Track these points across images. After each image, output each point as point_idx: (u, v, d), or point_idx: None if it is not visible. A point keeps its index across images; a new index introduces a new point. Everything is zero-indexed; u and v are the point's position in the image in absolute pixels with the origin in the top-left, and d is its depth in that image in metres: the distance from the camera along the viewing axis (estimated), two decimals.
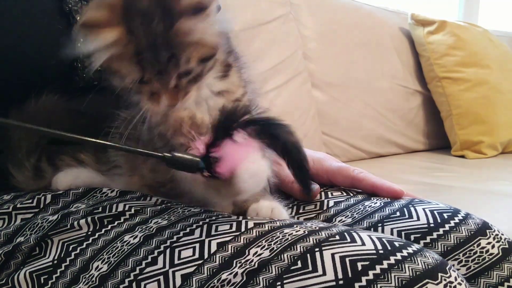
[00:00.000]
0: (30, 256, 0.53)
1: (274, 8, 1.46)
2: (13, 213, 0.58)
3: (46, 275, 0.51)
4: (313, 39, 1.54)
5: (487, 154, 1.72)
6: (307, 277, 0.42)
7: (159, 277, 0.46)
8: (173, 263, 0.46)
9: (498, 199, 1.14)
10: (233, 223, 0.49)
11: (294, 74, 1.45)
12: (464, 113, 1.72)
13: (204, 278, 0.44)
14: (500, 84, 1.79)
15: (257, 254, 0.44)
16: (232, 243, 0.46)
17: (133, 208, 0.53)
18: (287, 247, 0.44)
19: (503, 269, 0.53)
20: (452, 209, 0.58)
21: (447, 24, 1.78)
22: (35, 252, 0.53)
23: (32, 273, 0.51)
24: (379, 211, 0.59)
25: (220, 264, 0.45)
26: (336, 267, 0.42)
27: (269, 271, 0.43)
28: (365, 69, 1.65)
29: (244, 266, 0.44)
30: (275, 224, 0.48)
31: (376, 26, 1.75)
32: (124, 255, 0.48)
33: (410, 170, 1.46)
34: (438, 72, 1.74)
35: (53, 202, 0.58)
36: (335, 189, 0.67)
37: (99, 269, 0.48)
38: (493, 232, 0.55)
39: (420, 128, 1.80)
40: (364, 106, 1.62)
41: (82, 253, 0.50)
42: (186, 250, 0.47)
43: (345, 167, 0.66)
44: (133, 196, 0.57)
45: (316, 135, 1.48)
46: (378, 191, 0.63)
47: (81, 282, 0.48)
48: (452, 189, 1.21)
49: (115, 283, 0.47)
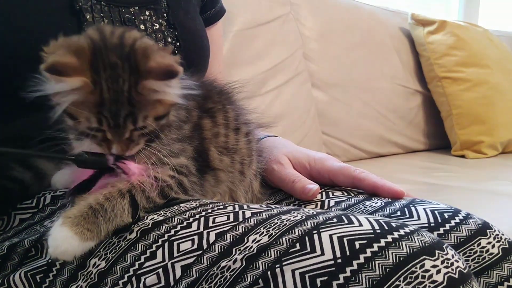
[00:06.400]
0: (27, 257, 0.53)
1: (274, 8, 1.46)
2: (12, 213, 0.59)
3: (41, 273, 0.51)
4: (313, 39, 1.54)
5: (487, 154, 1.72)
6: (305, 258, 0.42)
7: (159, 270, 0.46)
8: (172, 256, 0.47)
9: (498, 199, 1.14)
10: (230, 214, 0.49)
11: (294, 74, 1.45)
12: (464, 113, 1.72)
13: (204, 268, 0.45)
14: (500, 84, 1.79)
15: (256, 241, 0.45)
16: (231, 233, 0.47)
17: None
18: (285, 232, 0.45)
19: (503, 269, 0.53)
20: (452, 209, 0.58)
21: (447, 24, 1.78)
22: (31, 253, 0.53)
23: (27, 272, 0.52)
24: (380, 211, 0.59)
25: (219, 253, 0.45)
26: (334, 247, 0.42)
27: (268, 255, 0.43)
28: (365, 69, 1.65)
29: (244, 252, 0.44)
30: (272, 212, 0.49)
31: (376, 26, 1.75)
32: (121, 251, 0.49)
33: (410, 170, 1.46)
34: (438, 72, 1.74)
35: (52, 202, 0.58)
36: (336, 189, 0.67)
37: (97, 265, 0.49)
38: (493, 232, 0.55)
39: (420, 128, 1.81)
40: (364, 106, 1.62)
41: None
42: (184, 242, 0.47)
43: (346, 167, 0.66)
44: None
45: (316, 135, 1.48)
46: (379, 191, 0.63)
47: (79, 280, 0.49)
48: (452, 189, 1.21)
49: (114, 279, 0.48)
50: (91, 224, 0.48)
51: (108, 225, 0.49)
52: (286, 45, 1.45)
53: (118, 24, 0.67)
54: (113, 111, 0.47)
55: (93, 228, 0.48)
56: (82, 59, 0.46)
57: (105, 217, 0.48)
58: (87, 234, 0.47)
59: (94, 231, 0.48)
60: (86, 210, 0.48)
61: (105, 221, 0.48)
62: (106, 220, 0.48)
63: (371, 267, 0.41)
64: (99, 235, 0.48)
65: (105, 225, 0.48)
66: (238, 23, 1.33)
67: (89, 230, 0.48)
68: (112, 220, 0.49)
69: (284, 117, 1.37)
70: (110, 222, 0.49)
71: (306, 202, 0.65)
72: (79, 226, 0.47)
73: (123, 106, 0.47)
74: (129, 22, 0.69)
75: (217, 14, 0.92)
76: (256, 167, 0.66)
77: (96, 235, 0.48)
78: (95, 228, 0.48)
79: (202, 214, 0.50)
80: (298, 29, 1.51)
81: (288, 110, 1.39)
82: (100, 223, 0.48)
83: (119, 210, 0.49)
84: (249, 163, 0.64)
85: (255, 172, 0.66)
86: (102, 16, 0.66)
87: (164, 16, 0.73)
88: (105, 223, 0.48)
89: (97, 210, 0.48)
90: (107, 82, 0.47)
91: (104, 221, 0.48)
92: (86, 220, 0.48)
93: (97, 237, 0.48)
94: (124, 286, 0.47)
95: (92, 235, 0.48)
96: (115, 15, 0.68)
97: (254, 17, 1.39)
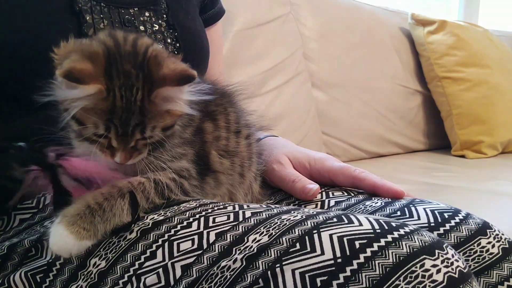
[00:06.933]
0: (27, 257, 0.53)
1: (274, 8, 1.46)
2: (12, 213, 0.59)
3: (42, 273, 0.51)
4: (313, 39, 1.54)
5: (487, 154, 1.72)
6: (306, 258, 0.42)
7: (159, 270, 0.46)
8: (172, 256, 0.47)
9: (498, 199, 1.14)
10: (230, 214, 0.50)
11: (294, 74, 1.45)
12: (464, 113, 1.72)
13: (204, 267, 0.45)
14: (500, 84, 1.80)
15: (256, 240, 0.45)
16: (231, 232, 0.47)
17: None
18: (285, 232, 0.45)
19: (503, 269, 0.54)
20: (453, 209, 0.58)
21: (447, 24, 1.78)
22: (32, 253, 0.53)
23: (27, 272, 0.52)
24: (380, 211, 0.59)
25: (219, 253, 0.45)
26: (334, 247, 0.42)
27: (268, 254, 0.44)
28: (365, 69, 1.65)
29: (244, 252, 0.45)
30: (272, 212, 0.49)
31: (376, 26, 1.76)
32: (122, 251, 0.49)
33: (410, 170, 1.46)
34: (438, 72, 1.74)
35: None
36: (336, 189, 0.67)
37: (97, 265, 0.49)
38: (493, 232, 0.56)
39: (420, 128, 1.81)
40: (364, 106, 1.62)
41: None
42: (185, 242, 0.47)
43: (347, 167, 0.66)
44: None
45: (316, 135, 1.48)
46: (379, 191, 0.63)
47: (80, 279, 0.49)
48: (452, 189, 1.21)
49: (114, 278, 0.48)
50: (88, 223, 0.48)
51: (105, 225, 0.49)
52: (286, 45, 1.46)
53: (117, 25, 0.67)
54: (123, 119, 0.47)
55: (89, 227, 0.48)
56: (97, 65, 0.46)
57: (103, 217, 0.48)
58: (83, 233, 0.47)
59: (90, 231, 0.48)
60: (84, 210, 0.48)
61: (102, 221, 0.48)
62: (103, 220, 0.48)
63: (371, 267, 0.41)
64: (96, 235, 0.48)
65: (103, 224, 0.48)
66: (238, 23, 1.33)
67: (85, 229, 0.48)
68: (110, 220, 0.49)
69: (284, 117, 1.37)
70: (108, 222, 0.49)
71: (306, 202, 0.65)
72: (75, 226, 0.47)
73: (134, 115, 0.47)
74: (129, 23, 0.69)
75: (216, 15, 0.92)
76: (255, 169, 0.66)
77: (93, 234, 0.48)
78: (92, 228, 0.48)
79: (202, 214, 0.50)
80: (298, 29, 1.51)
81: (288, 110, 1.39)
82: (97, 223, 0.48)
83: (118, 210, 0.49)
84: (249, 165, 0.64)
85: (254, 174, 0.66)
86: (102, 17, 0.66)
87: (163, 17, 0.73)
88: (103, 223, 0.48)
89: (95, 210, 0.48)
90: (121, 90, 0.46)
91: (101, 220, 0.48)
92: (83, 220, 0.48)
93: (94, 236, 0.48)
94: (124, 286, 0.47)
95: (88, 234, 0.48)
96: (115, 16, 0.68)
97: (254, 17, 1.39)
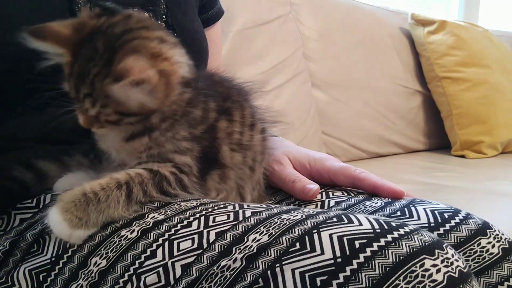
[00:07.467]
0: (29, 253, 0.53)
1: (274, 8, 1.46)
2: (13, 212, 0.59)
3: (44, 272, 0.51)
4: (313, 39, 1.54)
5: (487, 154, 1.72)
6: (305, 257, 0.42)
7: (159, 269, 0.46)
8: (172, 255, 0.47)
9: (498, 199, 1.14)
10: (230, 213, 0.50)
11: (294, 74, 1.45)
12: (464, 113, 1.72)
13: (204, 267, 0.45)
14: (500, 84, 1.80)
15: (256, 240, 0.45)
16: (231, 232, 0.47)
17: None
18: (285, 231, 0.45)
19: (503, 269, 0.53)
20: (452, 209, 0.58)
21: (447, 24, 1.78)
22: (33, 249, 0.53)
23: (31, 270, 0.52)
24: (380, 211, 0.59)
25: (219, 252, 0.45)
26: (334, 246, 0.42)
27: (268, 254, 0.44)
28: (365, 69, 1.65)
29: (243, 251, 0.45)
30: (272, 211, 0.49)
31: (376, 26, 1.76)
32: (122, 250, 0.49)
33: (410, 170, 1.46)
34: (438, 72, 1.74)
35: (53, 202, 0.58)
36: (336, 189, 0.67)
37: (98, 264, 0.49)
38: (493, 232, 0.55)
39: (420, 128, 1.81)
40: (364, 106, 1.62)
41: (79, 249, 0.50)
42: (185, 241, 0.47)
43: (347, 167, 0.66)
44: None
45: (316, 135, 1.48)
46: (379, 191, 0.63)
47: (80, 279, 0.49)
48: (452, 189, 1.21)
49: (114, 277, 0.48)
50: (81, 211, 0.48)
51: (98, 215, 0.48)
52: (286, 45, 1.46)
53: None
54: (75, 84, 0.51)
55: (82, 215, 0.48)
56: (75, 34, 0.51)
57: (97, 207, 0.48)
58: (75, 221, 0.48)
59: (83, 219, 0.48)
60: (79, 197, 0.48)
61: (96, 211, 0.48)
62: (97, 210, 0.48)
63: (371, 267, 0.41)
64: (87, 224, 0.48)
65: (96, 214, 0.48)
66: (238, 23, 1.34)
67: (77, 218, 0.48)
68: (104, 210, 0.49)
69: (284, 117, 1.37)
70: (101, 213, 0.49)
71: (306, 202, 0.65)
72: (68, 213, 0.47)
73: (84, 84, 0.50)
74: None
75: (215, 15, 0.92)
76: (266, 165, 0.66)
77: (85, 224, 0.48)
78: (85, 216, 0.48)
79: (203, 213, 0.50)
80: (298, 29, 1.51)
81: (288, 110, 1.39)
82: (90, 212, 0.48)
83: (113, 201, 0.49)
84: (261, 160, 0.64)
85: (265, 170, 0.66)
86: None
87: (163, 18, 0.73)
88: (96, 213, 0.48)
89: (90, 198, 0.48)
90: (82, 60, 0.50)
91: (95, 210, 0.48)
92: (77, 207, 0.48)
93: (86, 226, 0.48)
94: (124, 285, 0.47)
95: (81, 223, 0.48)
96: None
97: (254, 17, 1.39)
